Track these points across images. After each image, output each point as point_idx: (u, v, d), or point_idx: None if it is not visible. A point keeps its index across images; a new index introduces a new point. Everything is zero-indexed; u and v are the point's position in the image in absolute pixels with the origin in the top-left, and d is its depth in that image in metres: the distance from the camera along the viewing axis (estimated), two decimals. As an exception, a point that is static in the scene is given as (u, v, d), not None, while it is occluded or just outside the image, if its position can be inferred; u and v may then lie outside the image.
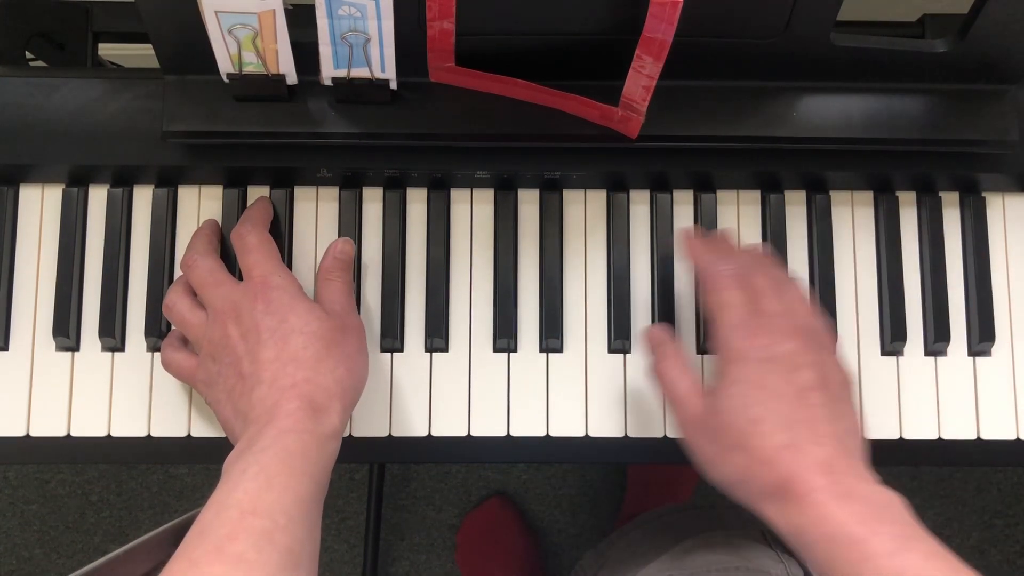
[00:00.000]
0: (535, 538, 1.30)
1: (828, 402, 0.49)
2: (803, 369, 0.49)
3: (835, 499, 0.46)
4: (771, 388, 0.49)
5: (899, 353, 0.61)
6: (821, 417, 0.48)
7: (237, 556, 0.43)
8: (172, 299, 0.57)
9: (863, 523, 0.45)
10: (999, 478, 1.34)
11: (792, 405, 0.49)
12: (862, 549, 0.44)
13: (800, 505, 0.46)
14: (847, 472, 0.47)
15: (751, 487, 0.49)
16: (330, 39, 0.51)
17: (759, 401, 0.49)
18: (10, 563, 1.33)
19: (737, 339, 0.51)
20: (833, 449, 0.47)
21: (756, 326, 0.51)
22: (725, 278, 0.53)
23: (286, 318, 0.53)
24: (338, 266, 0.58)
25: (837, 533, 0.45)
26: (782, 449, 0.47)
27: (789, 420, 0.48)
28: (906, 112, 0.57)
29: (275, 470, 0.47)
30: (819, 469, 0.47)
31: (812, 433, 0.48)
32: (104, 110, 0.58)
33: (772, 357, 0.50)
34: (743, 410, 0.49)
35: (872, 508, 0.46)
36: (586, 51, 0.54)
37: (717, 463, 0.50)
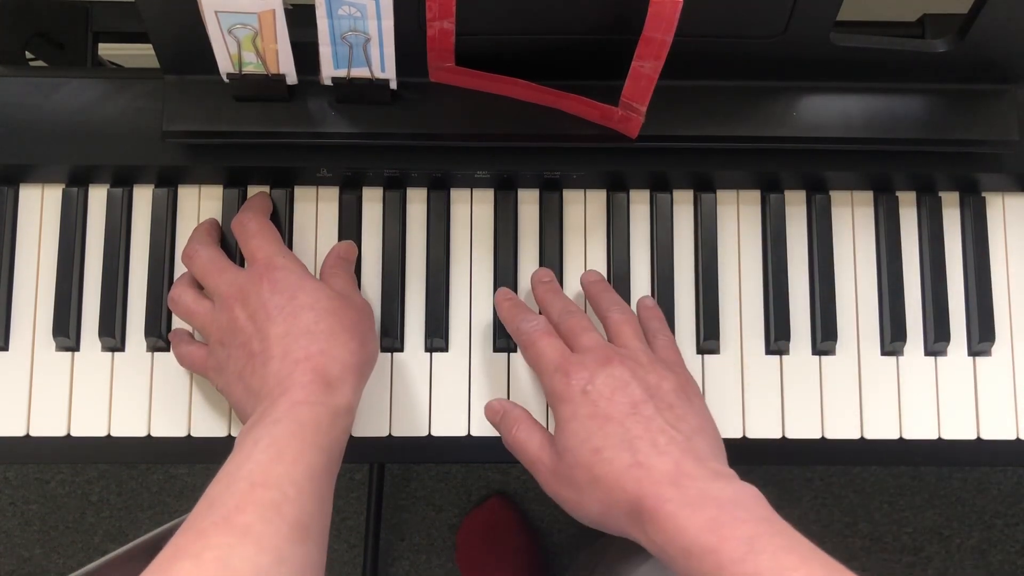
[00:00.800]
0: (535, 538, 1.30)
1: (662, 411, 0.50)
2: (627, 387, 0.50)
3: (686, 508, 0.45)
4: (601, 414, 0.50)
5: (899, 353, 0.61)
6: (657, 428, 0.49)
7: (245, 527, 0.43)
8: (177, 292, 0.57)
9: (713, 531, 0.44)
10: (999, 478, 1.34)
11: (625, 424, 0.49)
12: (715, 559, 0.44)
13: (655, 521, 0.46)
14: (695, 476, 0.47)
15: (614, 515, 0.49)
16: (330, 39, 0.51)
17: (594, 430, 0.49)
18: (10, 563, 1.33)
19: (558, 382, 0.52)
20: (678, 455, 0.48)
21: (571, 363, 0.52)
22: (533, 332, 0.54)
23: (295, 295, 0.53)
24: (341, 263, 0.58)
25: (691, 545, 0.45)
26: (628, 469, 0.48)
27: (627, 439, 0.49)
28: (906, 112, 0.57)
29: (286, 442, 0.47)
30: (666, 480, 0.47)
31: (652, 446, 0.48)
32: (104, 110, 0.58)
33: (593, 386, 0.50)
34: (583, 443, 0.49)
35: (724, 510, 0.45)
36: (586, 51, 0.54)
37: (580, 504, 0.50)
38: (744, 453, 0.59)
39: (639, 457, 0.48)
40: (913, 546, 1.32)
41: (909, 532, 1.33)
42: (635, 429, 0.49)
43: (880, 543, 1.32)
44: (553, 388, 0.52)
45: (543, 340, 0.54)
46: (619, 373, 0.51)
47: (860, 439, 0.60)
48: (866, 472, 1.34)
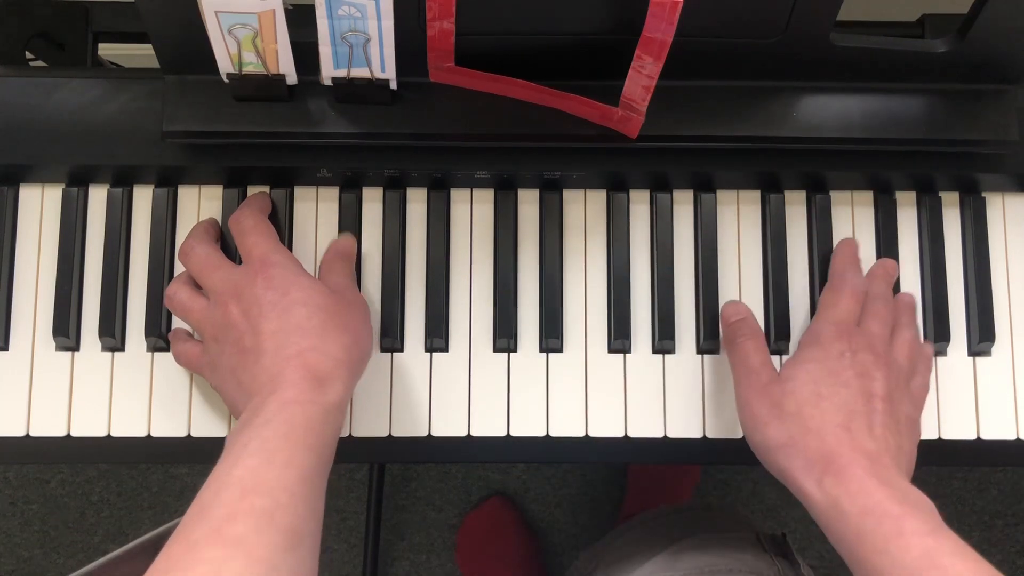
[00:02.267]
0: (535, 538, 1.30)
1: (889, 414, 0.52)
2: (875, 380, 0.52)
3: (874, 477, 0.48)
4: (841, 377, 0.52)
5: (899, 353, 0.61)
6: (879, 421, 0.51)
7: (236, 538, 0.42)
8: (173, 289, 0.57)
9: (899, 503, 0.47)
10: (999, 478, 1.34)
11: (856, 398, 0.51)
12: (897, 524, 0.46)
13: (840, 477, 0.48)
14: (888, 466, 0.49)
15: (792, 453, 0.51)
16: (330, 39, 0.51)
17: (828, 383, 0.52)
18: (10, 563, 1.33)
19: (827, 331, 0.54)
20: (882, 448, 0.50)
21: (850, 332, 0.54)
22: (851, 287, 0.57)
23: (288, 291, 0.53)
24: (340, 258, 0.58)
25: (874, 507, 0.46)
26: (836, 427, 0.50)
27: (849, 408, 0.51)
28: (906, 112, 0.57)
29: (277, 444, 0.46)
30: (864, 455, 0.49)
31: (867, 427, 0.51)
32: (104, 110, 0.58)
33: (851, 356, 0.53)
34: (811, 384, 0.52)
35: (908, 496, 0.47)
36: (586, 51, 0.54)
37: (767, 425, 0.52)
38: (744, 453, 0.59)
39: (852, 425, 0.50)
40: (913, 546, 1.32)
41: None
42: (860, 406, 0.51)
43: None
44: (819, 332, 0.55)
45: (850, 297, 0.56)
46: (877, 367, 0.53)
47: (860, 439, 0.60)
48: (866, 472, 1.34)
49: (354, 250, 0.60)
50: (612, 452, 0.60)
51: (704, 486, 1.32)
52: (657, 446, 0.60)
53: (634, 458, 0.60)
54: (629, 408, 0.60)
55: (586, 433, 0.59)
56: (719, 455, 0.61)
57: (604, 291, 0.61)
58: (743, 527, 0.71)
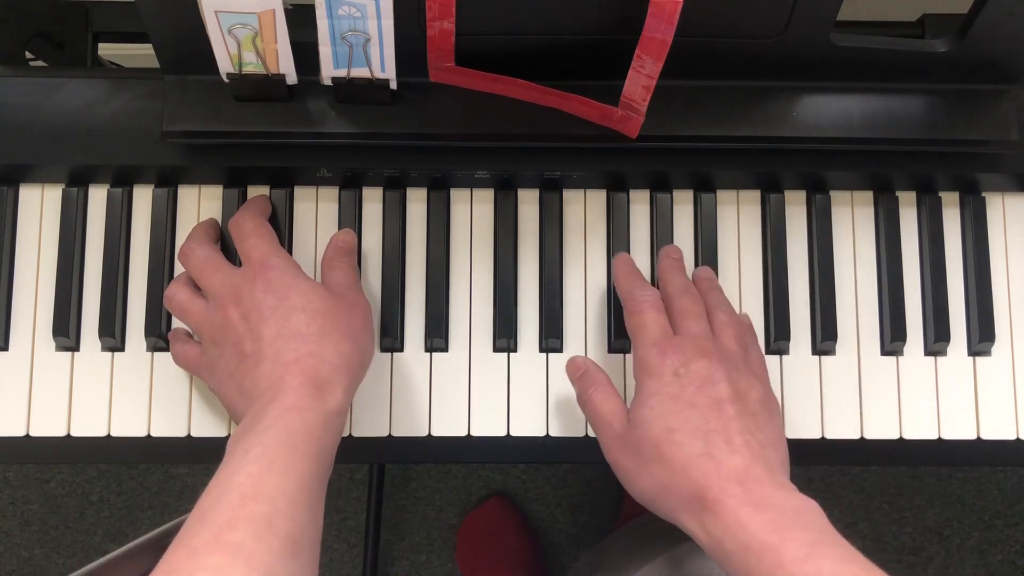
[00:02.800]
0: (535, 538, 1.30)
1: (743, 414, 0.50)
2: (717, 383, 0.51)
3: (749, 506, 0.46)
4: (685, 399, 0.50)
5: (899, 353, 0.61)
6: (736, 428, 0.49)
7: (236, 545, 0.43)
8: (172, 290, 0.57)
9: (775, 531, 0.45)
10: (999, 478, 1.34)
11: (706, 415, 0.49)
12: (775, 557, 0.44)
13: (715, 513, 0.46)
14: (762, 481, 0.47)
15: (670, 498, 0.49)
16: (330, 39, 0.51)
17: (674, 412, 0.50)
18: (10, 563, 1.33)
19: (652, 356, 0.52)
20: (749, 459, 0.48)
21: (671, 345, 0.52)
22: (644, 301, 0.55)
23: (287, 296, 0.52)
24: (341, 254, 0.58)
25: (751, 541, 0.45)
26: (697, 457, 0.48)
27: (704, 430, 0.49)
28: (906, 112, 0.57)
29: (277, 451, 0.46)
30: (734, 477, 0.47)
31: (727, 443, 0.49)
32: (104, 110, 0.58)
33: (687, 372, 0.51)
34: (659, 420, 0.50)
35: (785, 515, 0.46)
36: (586, 51, 0.54)
37: (637, 477, 0.50)
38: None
39: (711, 449, 0.48)
40: (913, 546, 1.32)
41: (909, 532, 1.33)
42: (714, 423, 0.49)
43: (880, 543, 1.32)
44: (645, 360, 0.52)
45: (650, 312, 0.54)
46: (713, 368, 0.51)
47: (860, 439, 0.60)
48: (866, 472, 1.34)
49: (355, 244, 0.60)
50: (612, 452, 0.60)
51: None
52: (657, 446, 0.60)
53: (634, 458, 0.60)
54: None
55: (586, 433, 0.59)
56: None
57: (604, 291, 0.61)
58: None
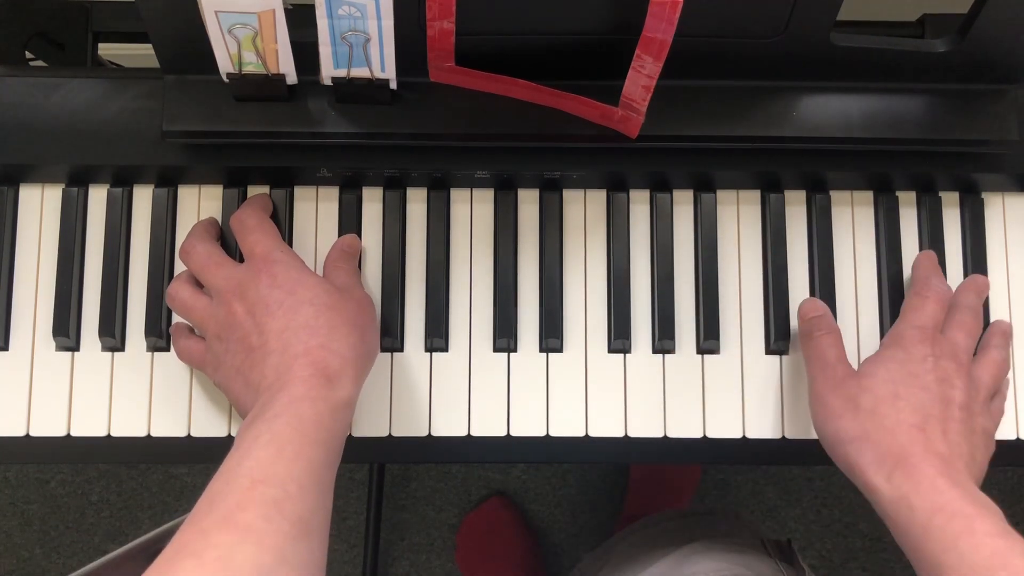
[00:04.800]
0: (535, 538, 1.30)
1: (965, 422, 0.52)
2: (955, 388, 0.53)
3: (946, 477, 0.48)
4: (921, 381, 0.52)
5: (899, 353, 0.61)
6: (954, 428, 0.51)
7: (246, 525, 0.43)
8: (175, 288, 0.57)
9: (970, 503, 0.47)
10: (999, 478, 1.34)
11: (934, 403, 0.52)
12: (968, 523, 0.46)
13: (911, 473, 0.48)
14: (960, 472, 0.49)
15: (863, 448, 0.51)
16: (330, 39, 0.51)
17: (907, 384, 0.52)
18: (10, 563, 1.33)
19: (912, 334, 0.54)
20: (955, 454, 0.50)
21: (933, 337, 0.54)
22: (934, 290, 0.57)
23: (294, 290, 0.53)
24: (344, 257, 0.59)
25: (944, 505, 0.47)
26: (910, 427, 0.50)
27: (926, 411, 0.51)
28: (906, 112, 0.57)
29: (287, 438, 0.47)
30: (937, 456, 0.49)
31: (942, 431, 0.51)
32: (104, 110, 0.58)
33: (935, 362, 0.53)
34: (890, 383, 0.52)
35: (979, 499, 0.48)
36: (586, 51, 0.54)
37: (840, 417, 0.52)
38: (744, 453, 0.60)
39: (927, 427, 0.50)
40: (913, 546, 1.32)
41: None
42: (937, 412, 0.51)
43: (880, 543, 1.32)
44: (903, 334, 0.55)
45: (935, 303, 0.56)
46: (959, 376, 0.53)
47: (860, 439, 0.60)
48: (866, 472, 1.34)
49: (358, 248, 0.60)
50: (612, 452, 0.60)
51: (704, 486, 1.32)
52: (657, 446, 0.60)
53: (634, 458, 0.60)
54: (629, 408, 0.60)
55: (586, 433, 0.59)
56: (720, 455, 0.61)
57: (604, 291, 0.61)
58: (748, 532, 0.71)
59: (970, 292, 0.59)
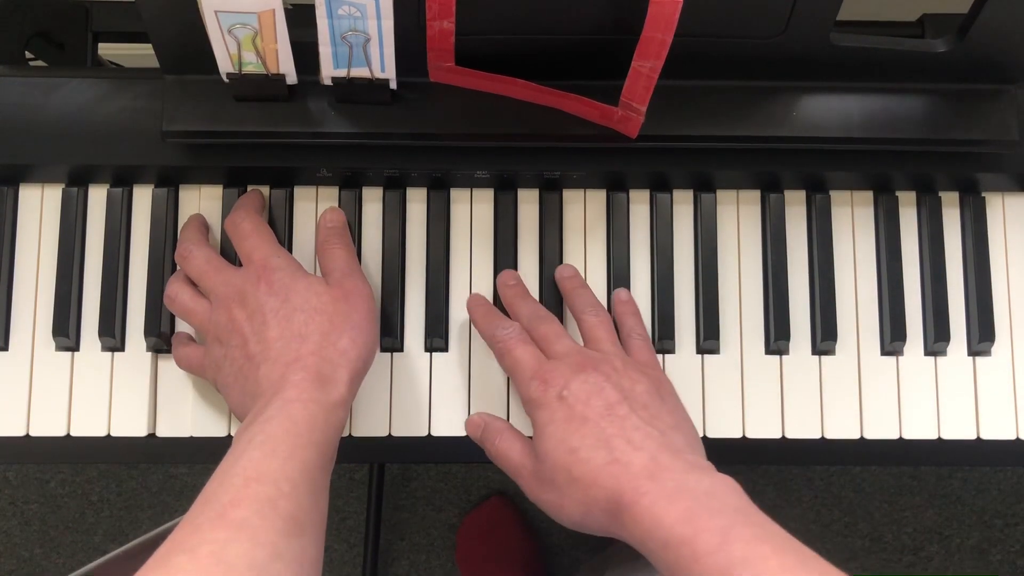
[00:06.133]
0: (535, 538, 1.30)
1: (636, 410, 0.51)
2: (602, 391, 0.51)
3: (662, 500, 0.46)
4: (577, 417, 0.50)
5: (899, 353, 0.61)
6: (632, 426, 0.50)
7: (240, 521, 0.44)
8: (173, 290, 0.57)
9: (688, 521, 0.45)
10: (999, 478, 1.34)
11: (600, 425, 0.50)
12: (690, 549, 0.44)
13: (633, 515, 0.47)
14: (671, 468, 0.48)
15: (594, 514, 0.49)
16: (330, 39, 0.51)
17: (571, 432, 0.50)
18: (10, 563, 1.33)
19: (535, 389, 0.52)
20: (654, 449, 0.48)
21: (547, 371, 0.53)
22: (508, 340, 0.55)
23: (288, 298, 0.53)
24: (333, 234, 0.58)
25: (668, 537, 0.45)
26: (605, 466, 0.48)
27: (603, 438, 0.49)
28: (906, 112, 0.57)
29: (280, 438, 0.47)
30: (644, 474, 0.47)
31: (628, 443, 0.49)
32: (104, 110, 0.58)
33: (570, 392, 0.51)
34: (560, 445, 0.50)
35: (699, 502, 0.46)
36: (586, 51, 0.54)
37: (562, 506, 0.51)
38: (744, 453, 0.59)
39: (615, 454, 0.49)
40: (913, 546, 1.32)
41: (909, 532, 1.33)
42: (610, 429, 0.50)
43: (880, 543, 1.32)
44: (530, 395, 0.53)
45: (519, 348, 0.55)
46: (594, 378, 0.52)
47: (860, 439, 0.60)
48: (866, 472, 1.34)
49: (344, 221, 0.59)
50: (612, 452, 0.60)
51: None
52: (657, 446, 0.60)
53: (634, 458, 0.60)
54: (629, 408, 0.60)
55: (586, 433, 0.59)
56: (718, 454, 0.60)
57: (604, 291, 0.61)
58: None
59: (516, 303, 0.58)
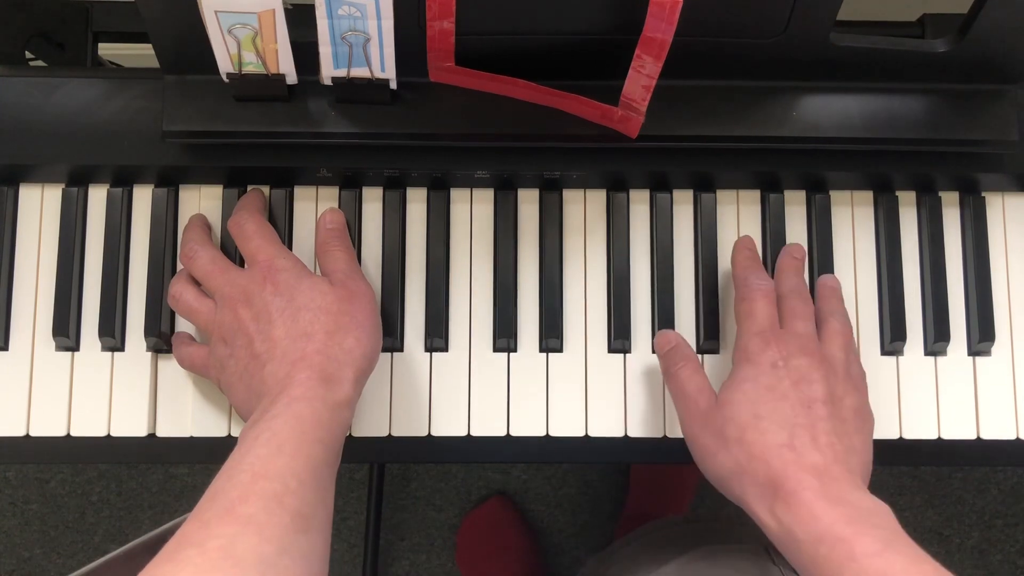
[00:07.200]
0: (535, 538, 1.30)
1: (834, 418, 0.51)
2: (813, 383, 0.51)
3: (823, 499, 0.47)
4: (778, 391, 0.51)
5: (899, 353, 0.61)
6: (823, 428, 0.50)
7: (247, 517, 0.44)
8: (177, 290, 0.57)
9: (850, 524, 0.46)
10: (999, 478, 1.34)
11: (795, 410, 0.50)
12: (848, 549, 0.45)
13: (789, 503, 0.47)
14: (839, 479, 0.48)
15: (744, 481, 0.50)
16: (330, 39, 0.51)
17: (764, 400, 0.50)
18: (10, 563, 1.33)
19: (754, 344, 0.53)
20: (830, 458, 0.49)
21: (775, 337, 0.53)
22: (758, 290, 0.55)
23: (293, 297, 0.53)
24: (333, 236, 0.58)
25: (824, 532, 0.46)
26: (779, 447, 0.49)
27: (790, 423, 0.50)
28: (906, 112, 0.57)
29: (286, 435, 0.48)
30: (812, 471, 0.48)
31: (811, 439, 0.49)
32: (104, 110, 0.58)
33: (785, 365, 0.52)
34: (748, 405, 0.51)
35: (860, 512, 0.47)
36: (586, 51, 0.54)
37: (715, 455, 0.51)
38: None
39: (795, 442, 0.49)
40: (913, 546, 1.32)
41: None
42: (801, 419, 0.50)
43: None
44: (747, 347, 0.53)
45: (761, 301, 0.55)
46: (813, 368, 0.52)
47: (860, 439, 0.60)
48: (866, 472, 1.34)
49: (344, 222, 0.60)
50: (612, 452, 0.60)
51: (704, 486, 1.32)
52: (657, 445, 0.60)
53: (634, 458, 0.60)
54: (629, 408, 0.60)
55: (586, 433, 0.59)
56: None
57: (604, 291, 0.61)
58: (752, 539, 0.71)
59: (789, 273, 0.58)
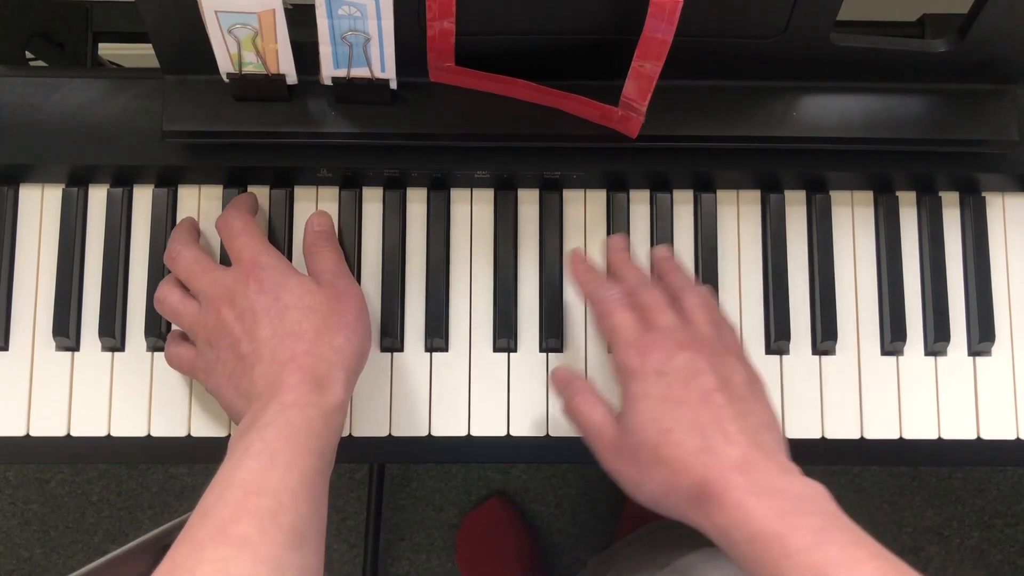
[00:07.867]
0: (535, 538, 1.30)
1: (733, 401, 0.49)
2: (702, 375, 0.50)
3: (753, 496, 0.46)
4: (674, 397, 0.49)
5: (899, 353, 0.61)
6: (728, 417, 0.49)
7: (241, 538, 0.43)
8: (163, 292, 0.57)
9: (781, 518, 0.45)
10: (999, 478, 1.34)
11: (697, 410, 0.49)
12: (782, 546, 0.44)
13: (721, 506, 0.46)
14: (763, 467, 0.47)
15: (675, 497, 0.48)
16: (330, 39, 0.51)
17: (665, 411, 0.49)
18: (10, 563, 1.33)
19: (632, 358, 0.51)
20: (747, 446, 0.48)
21: (648, 342, 0.51)
22: (611, 302, 0.54)
23: (279, 296, 0.52)
24: (321, 237, 0.58)
25: (757, 531, 0.45)
26: (696, 453, 0.48)
27: (697, 425, 0.48)
28: (906, 112, 0.57)
29: (279, 447, 0.46)
30: (735, 468, 0.47)
31: (722, 434, 0.48)
32: (104, 110, 0.58)
33: (670, 369, 0.50)
34: (652, 423, 0.49)
35: (791, 501, 0.46)
36: (586, 51, 0.54)
37: (640, 482, 0.50)
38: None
39: (709, 443, 0.48)
40: (913, 546, 1.32)
41: (909, 532, 1.33)
42: (705, 416, 0.49)
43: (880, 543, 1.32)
44: (626, 363, 0.51)
45: (620, 313, 0.53)
46: (695, 359, 0.50)
47: (860, 439, 0.60)
48: (866, 472, 1.34)
49: (332, 225, 0.59)
50: (612, 452, 0.60)
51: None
52: (657, 446, 0.60)
53: (634, 458, 0.60)
54: (629, 408, 0.60)
55: (586, 433, 0.59)
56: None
57: (604, 291, 0.61)
58: None
59: (624, 268, 0.57)
